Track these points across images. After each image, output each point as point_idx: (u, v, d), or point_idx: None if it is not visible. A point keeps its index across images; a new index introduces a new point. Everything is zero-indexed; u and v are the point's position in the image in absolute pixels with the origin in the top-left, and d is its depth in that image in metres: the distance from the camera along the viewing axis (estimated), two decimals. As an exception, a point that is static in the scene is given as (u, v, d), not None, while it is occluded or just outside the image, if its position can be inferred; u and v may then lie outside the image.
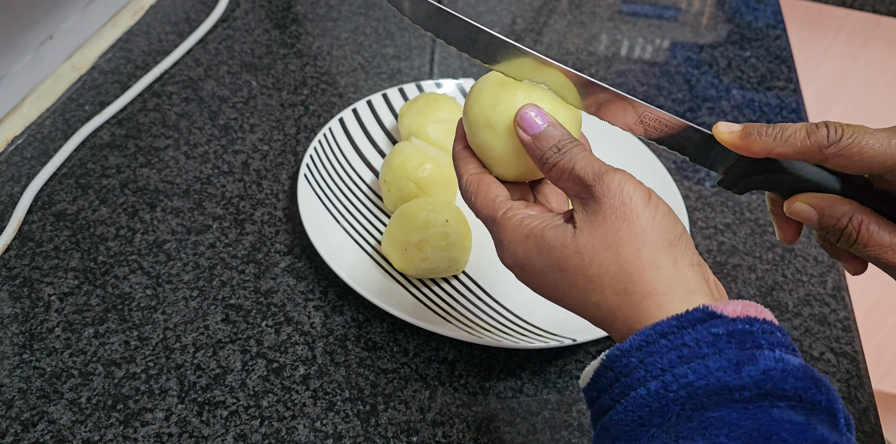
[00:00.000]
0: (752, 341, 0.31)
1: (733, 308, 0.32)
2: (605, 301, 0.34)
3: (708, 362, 0.30)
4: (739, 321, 0.31)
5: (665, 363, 0.31)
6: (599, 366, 0.33)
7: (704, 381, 0.30)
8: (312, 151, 0.63)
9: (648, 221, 0.34)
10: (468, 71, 0.80)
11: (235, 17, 0.84)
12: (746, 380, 0.30)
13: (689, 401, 0.30)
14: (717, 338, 0.31)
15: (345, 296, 0.56)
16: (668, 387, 0.30)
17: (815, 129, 0.37)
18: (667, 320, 0.32)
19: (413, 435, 0.48)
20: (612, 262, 0.34)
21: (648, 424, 0.31)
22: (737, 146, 0.38)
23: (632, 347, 0.32)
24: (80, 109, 0.70)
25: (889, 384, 1.59)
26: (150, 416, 0.48)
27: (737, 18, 0.96)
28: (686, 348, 0.31)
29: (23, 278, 0.55)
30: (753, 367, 0.30)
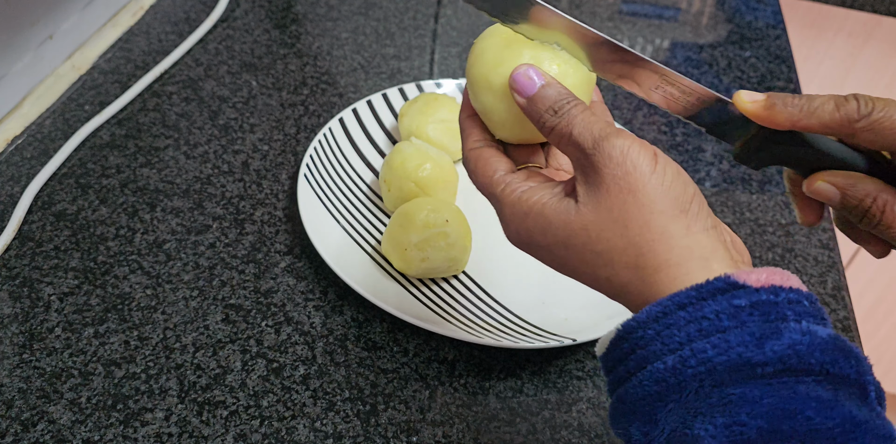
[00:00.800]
0: (776, 313, 0.29)
1: (757, 277, 0.30)
2: (616, 276, 0.32)
3: (728, 337, 0.28)
4: (764, 291, 0.29)
5: (683, 337, 0.29)
6: (615, 336, 0.31)
7: (725, 356, 0.28)
8: (312, 151, 0.63)
9: (656, 189, 0.31)
10: (468, 71, 0.80)
11: (235, 17, 0.84)
12: (770, 355, 0.28)
13: (709, 377, 0.28)
14: (738, 310, 0.29)
15: (345, 296, 0.56)
16: (686, 362, 0.29)
17: (843, 101, 0.34)
18: (685, 291, 0.30)
19: (413, 435, 0.48)
20: (619, 236, 0.32)
21: (666, 399, 0.29)
22: (759, 117, 0.36)
23: (648, 318, 0.30)
24: (80, 109, 0.70)
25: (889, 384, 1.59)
26: (150, 416, 0.48)
27: (737, 18, 0.96)
28: (706, 320, 0.29)
29: (23, 277, 0.55)
30: (777, 341, 0.28)
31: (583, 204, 0.33)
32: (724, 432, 0.27)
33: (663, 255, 0.31)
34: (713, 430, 0.27)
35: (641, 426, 0.30)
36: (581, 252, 0.33)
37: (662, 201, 0.31)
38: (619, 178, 0.32)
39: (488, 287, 0.58)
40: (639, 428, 0.30)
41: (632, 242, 0.31)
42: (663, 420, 0.29)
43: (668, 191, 0.31)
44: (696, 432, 0.27)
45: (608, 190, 0.32)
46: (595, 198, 0.32)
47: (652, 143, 0.74)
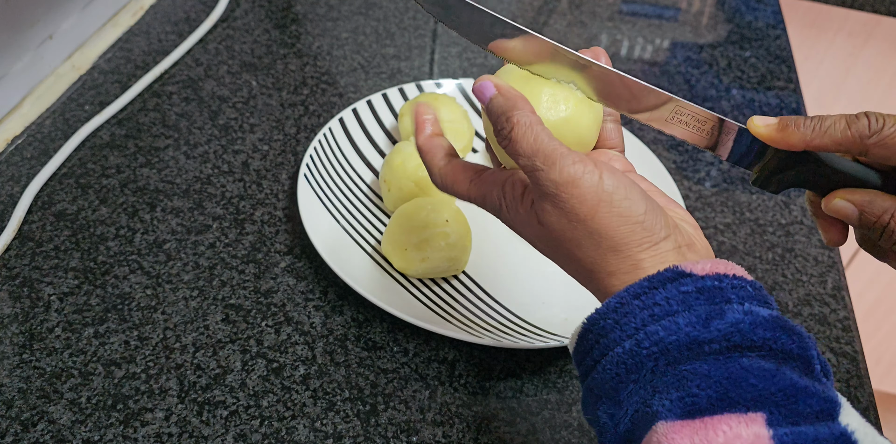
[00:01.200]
0: (721, 297, 0.32)
1: (702, 267, 0.33)
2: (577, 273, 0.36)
3: (678, 319, 0.31)
4: (709, 278, 0.32)
5: (638, 322, 0.32)
6: (581, 330, 0.34)
7: (675, 336, 0.31)
8: (312, 151, 0.63)
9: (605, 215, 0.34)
10: (468, 71, 0.80)
11: (235, 16, 0.84)
12: (715, 333, 0.31)
13: (662, 356, 0.31)
14: (686, 295, 0.32)
15: (345, 296, 0.56)
16: (641, 344, 0.31)
17: (854, 119, 0.36)
18: (639, 282, 0.33)
19: (413, 435, 0.48)
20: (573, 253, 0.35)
21: (626, 380, 0.32)
22: (773, 139, 0.37)
23: (608, 309, 0.33)
24: (80, 109, 0.70)
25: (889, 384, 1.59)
26: (150, 416, 0.48)
27: (737, 18, 0.96)
28: (657, 306, 0.32)
29: (23, 277, 0.55)
30: (721, 321, 0.31)
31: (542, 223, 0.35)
32: (679, 404, 0.29)
33: (614, 265, 0.34)
34: (669, 404, 0.30)
35: (608, 408, 0.33)
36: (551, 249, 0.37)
37: (614, 227, 0.34)
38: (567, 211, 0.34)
39: (488, 287, 0.58)
40: (605, 411, 0.33)
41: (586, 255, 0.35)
42: (626, 401, 0.32)
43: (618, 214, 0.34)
44: (655, 408, 0.30)
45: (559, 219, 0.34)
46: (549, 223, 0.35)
47: (652, 142, 0.74)
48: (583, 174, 0.33)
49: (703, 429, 0.28)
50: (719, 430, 0.28)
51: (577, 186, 0.33)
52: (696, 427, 0.28)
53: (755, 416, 0.28)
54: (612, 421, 0.32)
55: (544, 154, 0.34)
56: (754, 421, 0.28)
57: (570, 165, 0.33)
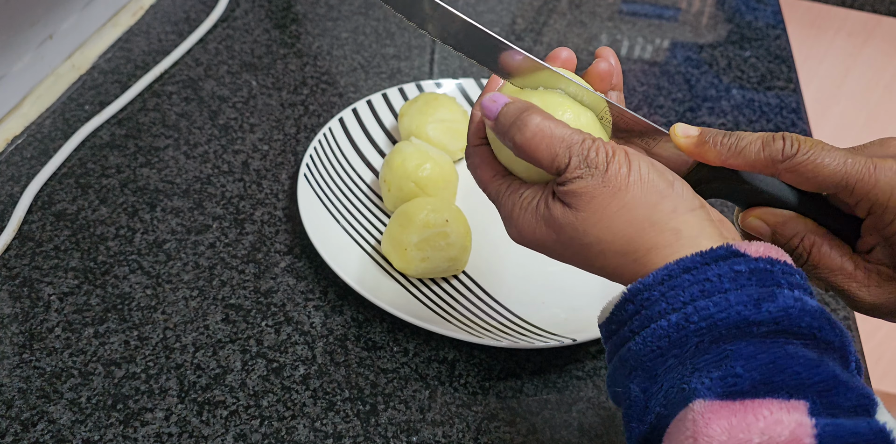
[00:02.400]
0: (772, 280, 0.32)
1: (756, 248, 0.32)
2: (608, 264, 0.35)
3: (729, 297, 0.31)
4: (761, 261, 0.32)
5: (687, 297, 0.31)
6: (620, 300, 0.33)
7: (725, 314, 0.30)
8: (312, 151, 0.63)
9: (635, 185, 0.34)
10: (468, 71, 0.80)
11: (235, 16, 0.84)
12: (765, 315, 0.30)
13: (709, 333, 0.30)
14: (738, 274, 0.31)
15: (345, 296, 0.56)
16: (689, 318, 0.31)
17: (771, 141, 0.36)
18: (691, 256, 0.32)
19: (413, 435, 0.48)
20: (609, 232, 0.34)
21: (667, 354, 0.31)
22: (691, 153, 0.38)
23: (654, 281, 0.32)
24: (80, 109, 0.70)
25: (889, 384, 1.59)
26: (150, 416, 0.48)
27: (737, 18, 0.96)
28: (708, 282, 0.31)
29: (23, 277, 0.55)
30: (773, 304, 0.30)
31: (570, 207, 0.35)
32: (720, 383, 0.29)
33: (653, 239, 0.34)
34: (709, 382, 0.29)
35: (641, 382, 0.32)
36: (574, 246, 0.35)
37: (643, 197, 0.34)
38: (601, 186, 0.34)
39: (488, 287, 0.58)
40: (639, 384, 0.32)
41: (621, 234, 0.34)
42: (662, 377, 0.31)
43: (647, 183, 0.34)
44: (693, 386, 0.29)
45: (592, 197, 0.34)
46: (579, 202, 0.35)
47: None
48: (613, 153, 0.34)
49: (743, 412, 0.28)
50: (760, 414, 0.28)
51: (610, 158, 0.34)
52: (735, 409, 0.28)
53: (797, 404, 0.28)
54: (644, 395, 0.32)
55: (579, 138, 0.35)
56: (796, 409, 0.28)
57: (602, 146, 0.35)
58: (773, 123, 0.79)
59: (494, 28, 0.87)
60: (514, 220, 0.37)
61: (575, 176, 0.35)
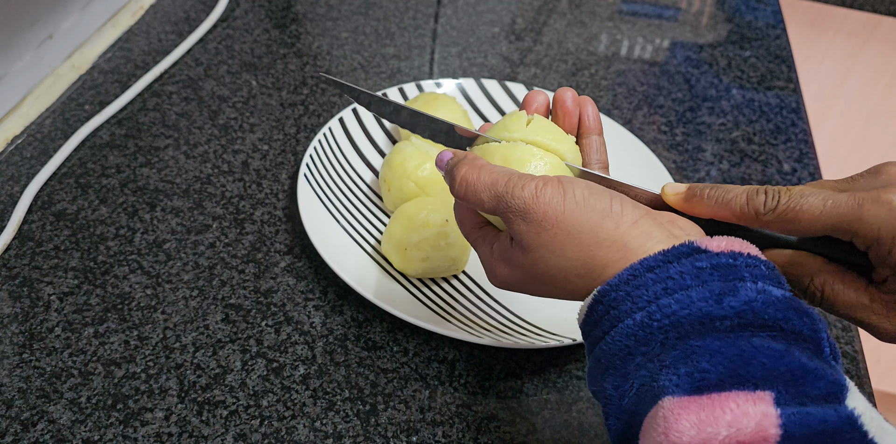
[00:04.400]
0: (734, 274, 0.32)
1: (717, 243, 0.33)
2: (577, 288, 0.36)
3: (691, 293, 0.31)
4: (723, 255, 0.33)
5: (650, 295, 0.32)
6: (591, 301, 0.34)
7: (687, 311, 0.31)
8: (312, 151, 0.63)
9: (573, 212, 0.35)
10: (468, 71, 0.80)
11: (235, 16, 0.84)
12: (728, 310, 0.31)
13: (673, 330, 0.31)
14: (700, 271, 0.32)
15: (345, 296, 0.56)
16: (653, 316, 0.32)
17: (754, 194, 0.37)
18: (653, 256, 0.33)
19: (413, 435, 0.48)
20: (563, 259, 0.36)
21: (635, 352, 0.32)
22: (682, 208, 0.39)
23: (620, 281, 0.33)
24: (80, 109, 0.70)
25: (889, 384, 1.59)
26: (150, 416, 0.48)
27: (737, 18, 0.96)
28: (671, 280, 0.32)
29: (22, 277, 0.55)
30: (734, 298, 0.31)
31: (525, 249, 0.37)
32: (687, 379, 0.29)
33: (605, 257, 0.35)
34: (676, 379, 0.30)
35: (614, 380, 0.33)
36: (542, 280, 0.37)
37: (585, 219, 0.35)
38: (541, 220, 0.35)
39: (488, 287, 0.58)
40: (611, 383, 0.33)
41: (575, 259, 0.35)
42: (633, 374, 0.32)
43: (584, 208, 0.35)
44: (662, 383, 0.30)
45: (538, 233, 0.36)
46: (530, 242, 0.36)
47: (652, 142, 0.74)
48: (543, 185, 0.36)
49: (710, 406, 0.28)
50: (727, 407, 0.28)
51: (542, 194, 0.36)
52: (703, 403, 0.28)
53: (763, 394, 0.28)
54: (618, 394, 0.33)
55: (502, 181, 0.37)
56: (762, 400, 0.28)
57: (529, 181, 0.36)
58: (773, 122, 0.79)
59: (494, 28, 0.87)
60: (490, 267, 0.40)
61: (512, 220, 0.37)
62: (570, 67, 0.82)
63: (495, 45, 0.85)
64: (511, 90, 0.72)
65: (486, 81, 0.73)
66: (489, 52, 0.83)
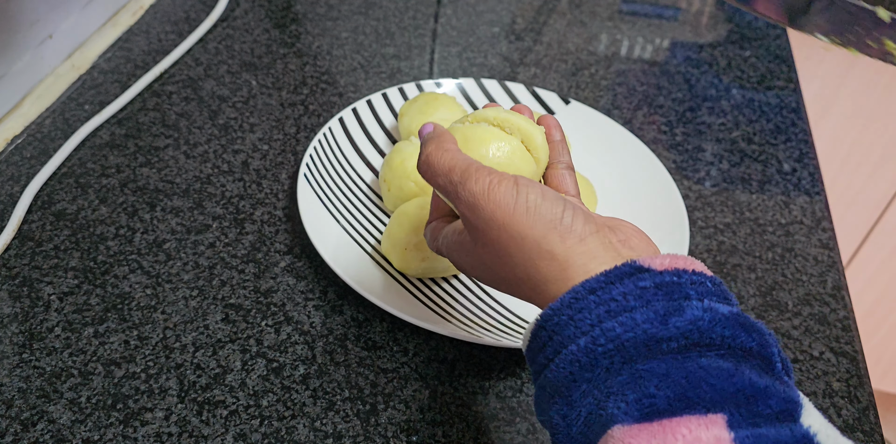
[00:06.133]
0: (679, 292, 0.31)
1: (661, 262, 0.32)
2: (522, 293, 0.36)
3: (635, 315, 0.30)
4: (667, 274, 0.32)
5: (594, 319, 0.31)
6: (535, 327, 0.33)
7: (632, 333, 0.30)
8: (312, 151, 0.63)
9: (522, 217, 0.34)
10: (468, 70, 0.80)
11: (235, 16, 0.84)
12: (673, 331, 0.30)
13: (618, 354, 0.30)
14: (644, 291, 0.31)
15: (345, 296, 0.56)
16: (597, 341, 0.30)
17: None
18: (595, 277, 0.32)
19: (413, 435, 0.48)
20: (507, 265, 0.35)
21: (580, 379, 0.31)
22: None
23: (562, 305, 0.32)
24: (80, 109, 0.70)
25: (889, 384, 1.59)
26: (150, 415, 0.48)
27: (737, 18, 0.96)
28: (614, 302, 0.31)
29: (22, 277, 0.55)
30: (680, 318, 0.30)
31: (472, 241, 0.36)
32: (636, 406, 0.28)
33: (545, 270, 0.34)
34: (625, 407, 0.29)
35: (560, 409, 0.32)
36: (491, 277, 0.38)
37: (531, 226, 0.34)
38: (488, 219, 0.35)
39: (488, 287, 0.58)
40: (557, 411, 0.32)
41: (518, 265, 0.34)
42: (579, 402, 0.31)
43: (534, 214, 0.34)
44: (610, 411, 0.29)
45: (485, 230, 0.35)
46: (478, 236, 0.36)
47: (652, 142, 0.74)
48: (498, 182, 0.35)
49: (662, 433, 0.27)
50: (678, 433, 0.27)
51: (493, 192, 0.34)
52: (654, 431, 0.27)
53: (715, 418, 0.27)
54: (565, 422, 0.31)
55: (459, 169, 0.36)
56: (714, 423, 0.27)
57: (484, 175, 0.35)
58: (773, 122, 0.79)
59: (494, 28, 0.87)
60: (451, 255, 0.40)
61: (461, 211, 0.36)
62: (570, 67, 0.82)
63: (495, 45, 0.85)
64: (511, 90, 0.72)
65: (486, 80, 0.73)
66: (489, 52, 0.83)
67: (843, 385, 0.54)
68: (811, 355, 0.56)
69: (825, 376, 0.54)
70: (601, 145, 0.69)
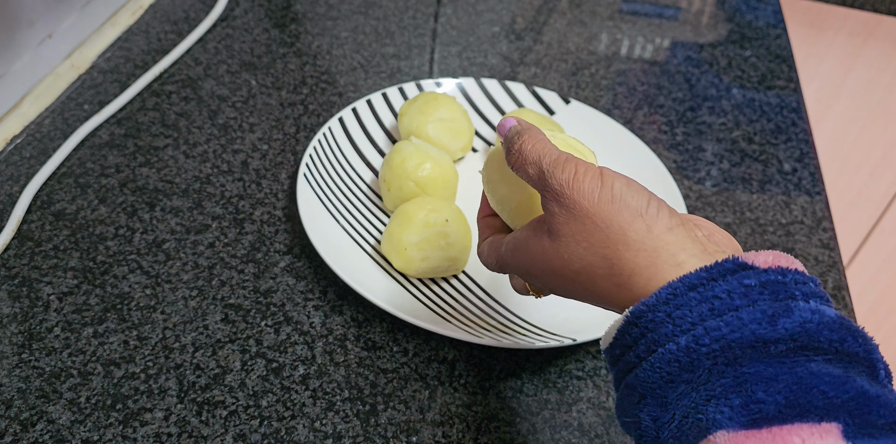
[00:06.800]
0: (785, 292, 0.30)
1: (764, 259, 0.30)
2: (598, 290, 0.34)
3: (741, 314, 0.29)
4: (772, 272, 0.30)
5: (695, 317, 0.29)
6: (624, 323, 0.32)
7: (738, 333, 0.28)
8: (312, 151, 0.63)
9: (607, 205, 0.33)
10: (468, 70, 0.80)
11: (235, 16, 0.84)
12: (782, 333, 0.28)
13: (722, 355, 0.29)
14: (749, 289, 0.29)
15: (344, 296, 0.56)
16: (700, 341, 0.29)
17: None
18: (696, 272, 0.30)
19: (413, 435, 0.48)
20: (589, 253, 0.34)
21: (677, 379, 0.29)
22: None
23: (658, 301, 0.30)
24: (80, 109, 0.70)
25: (889, 384, 1.59)
26: (150, 416, 0.47)
27: (737, 18, 0.96)
28: (717, 300, 0.29)
29: (22, 277, 0.55)
30: (789, 319, 0.28)
31: (553, 237, 0.35)
32: (742, 411, 0.27)
33: (632, 261, 0.32)
34: (729, 412, 0.27)
35: (651, 410, 0.30)
36: (565, 274, 0.35)
37: (617, 215, 0.33)
38: (572, 207, 0.34)
39: (488, 287, 0.58)
40: (649, 413, 0.30)
41: (600, 255, 0.33)
42: (674, 405, 0.29)
43: (619, 203, 0.33)
44: (712, 415, 0.27)
45: (566, 221, 0.34)
46: (559, 230, 0.35)
47: (652, 142, 0.74)
48: (584, 171, 0.34)
49: (772, 441, 0.26)
50: (791, 442, 0.25)
51: (580, 181, 0.34)
52: (762, 438, 0.26)
53: (829, 426, 0.26)
54: (655, 425, 0.30)
55: (550, 158, 0.35)
56: (829, 432, 0.26)
57: (572, 165, 0.34)
58: (774, 122, 0.79)
59: (494, 28, 0.87)
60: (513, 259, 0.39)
61: (547, 199, 0.35)
62: (570, 67, 0.82)
63: (495, 44, 0.85)
64: (511, 90, 0.72)
65: (486, 80, 0.73)
66: (489, 52, 0.83)
67: (844, 385, 0.54)
68: (812, 355, 0.56)
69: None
70: (601, 145, 0.68)
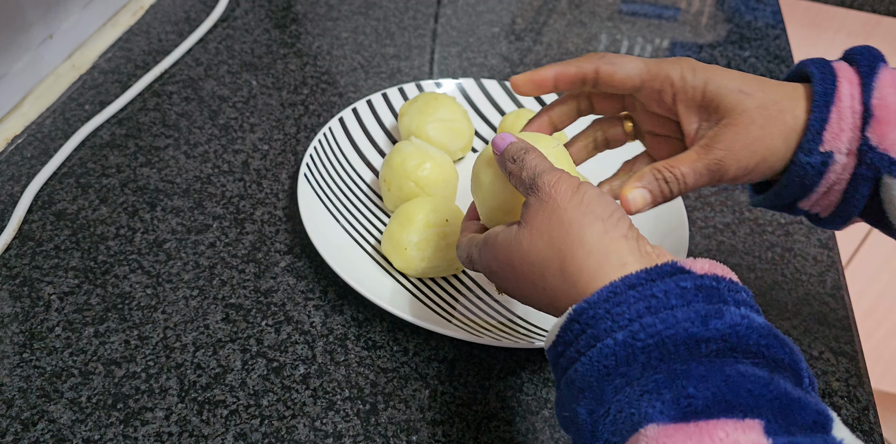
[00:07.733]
0: (718, 297, 0.32)
1: (700, 265, 0.33)
2: (548, 285, 0.36)
3: (676, 313, 0.31)
4: (707, 278, 0.32)
5: (633, 313, 0.31)
6: (566, 320, 0.33)
7: (672, 330, 0.30)
8: (312, 151, 0.63)
9: (575, 207, 0.36)
10: (468, 71, 0.81)
11: (235, 16, 0.84)
12: (713, 333, 0.30)
13: (657, 350, 0.30)
14: (685, 291, 0.32)
15: (345, 295, 0.56)
16: (636, 336, 0.31)
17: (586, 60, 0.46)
18: (636, 273, 0.32)
19: (413, 434, 0.48)
20: (547, 247, 0.36)
21: (614, 373, 0.31)
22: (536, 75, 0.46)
23: (599, 298, 0.32)
24: (80, 109, 0.70)
25: (888, 384, 1.59)
26: (151, 415, 0.48)
27: (736, 18, 0.96)
28: (654, 298, 0.31)
29: (23, 277, 0.55)
30: (720, 321, 0.30)
31: (522, 225, 0.38)
32: (673, 405, 0.28)
33: (582, 259, 0.34)
34: (661, 406, 0.29)
35: (588, 404, 0.32)
36: (521, 267, 0.37)
37: (581, 215, 0.35)
38: (545, 201, 0.37)
39: (488, 287, 0.58)
40: (586, 407, 0.32)
41: (556, 249, 0.35)
42: (610, 399, 0.31)
43: (586, 207, 0.36)
44: (644, 410, 0.29)
45: (537, 212, 0.37)
46: (529, 218, 0.37)
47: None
48: (567, 179, 0.37)
49: (699, 434, 0.27)
50: (716, 435, 0.27)
51: (560, 184, 0.37)
52: (689, 432, 0.27)
53: (752, 423, 0.27)
54: (591, 418, 0.31)
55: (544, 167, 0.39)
56: (752, 428, 0.27)
57: (559, 173, 0.38)
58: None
59: (494, 28, 0.87)
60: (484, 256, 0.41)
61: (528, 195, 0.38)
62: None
63: (495, 45, 0.85)
64: (511, 90, 0.73)
65: (486, 80, 0.73)
66: (489, 52, 0.83)
67: (843, 385, 0.54)
68: (811, 354, 0.56)
69: (824, 375, 0.54)
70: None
